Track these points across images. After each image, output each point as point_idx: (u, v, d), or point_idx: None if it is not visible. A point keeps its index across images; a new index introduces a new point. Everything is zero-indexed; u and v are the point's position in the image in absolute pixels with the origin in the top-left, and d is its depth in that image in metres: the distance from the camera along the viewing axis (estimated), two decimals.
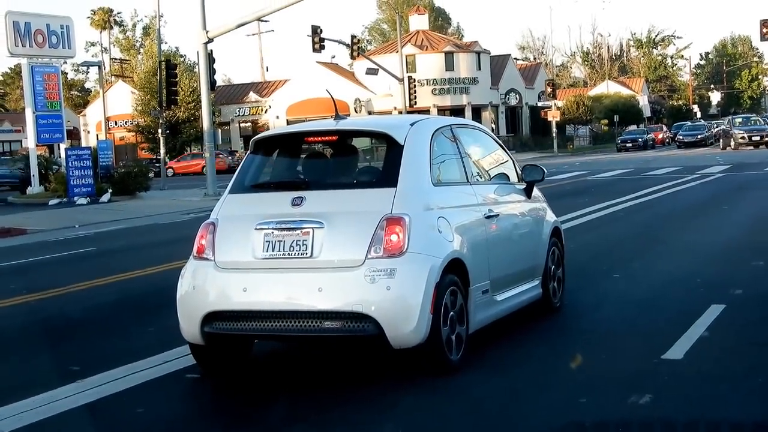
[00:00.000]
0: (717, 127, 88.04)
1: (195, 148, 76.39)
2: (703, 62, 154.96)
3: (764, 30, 56.53)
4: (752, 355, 8.21)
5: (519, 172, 10.11)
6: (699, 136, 76.42)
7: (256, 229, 7.83)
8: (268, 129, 70.92)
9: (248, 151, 8.83)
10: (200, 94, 39.28)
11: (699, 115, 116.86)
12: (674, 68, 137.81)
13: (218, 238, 8.01)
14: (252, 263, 7.81)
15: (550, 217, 10.57)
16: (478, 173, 9.25)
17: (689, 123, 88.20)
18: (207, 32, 36.76)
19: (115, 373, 8.41)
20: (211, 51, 37.26)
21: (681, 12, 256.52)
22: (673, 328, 9.10)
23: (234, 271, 7.86)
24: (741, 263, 13.24)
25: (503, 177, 9.87)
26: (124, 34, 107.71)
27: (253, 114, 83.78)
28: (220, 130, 78.97)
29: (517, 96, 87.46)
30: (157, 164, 52.47)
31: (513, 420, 6.76)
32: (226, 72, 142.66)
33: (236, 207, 8.27)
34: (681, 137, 77.50)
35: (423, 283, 7.43)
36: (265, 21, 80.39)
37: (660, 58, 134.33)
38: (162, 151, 49.88)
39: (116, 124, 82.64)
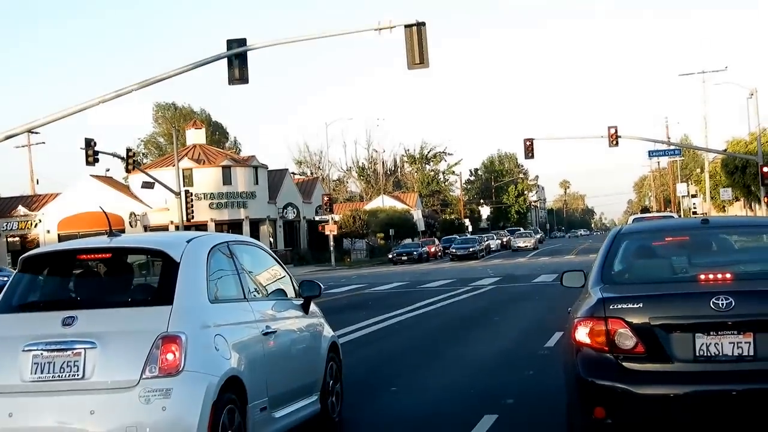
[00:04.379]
0: (487, 240, 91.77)
1: None
2: (473, 178, 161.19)
3: (527, 147, 59.53)
4: None
5: (296, 287, 10.19)
6: (471, 249, 79.15)
7: (23, 350, 7.52)
8: (38, 244, 68.64)
9: (16, 269, 8.52)
10: None
11: (470, 228, 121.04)
12: (446, 183, 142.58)
13: None
14: (19, 386, 7.47)
15: (328, 332, 10.66)
16: (255, 290, 9.26)
17: (458, 237, 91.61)
18: None
19: None
20: None
21: (451, 130, 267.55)
22: None
23: None
24: (512, 373, 13.66)
25: (281, 293, 9.91)
26: None
27: (22, 228, 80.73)
28: None
29: (294, 210, 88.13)
30: None
31: None
32: None
33: (2, 328, 7.92)
34: (454, 250, 79.98)
35: (200, 402, 7.31)
36: (36, 133, 78.37)
37: (432, 173, 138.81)
38: None
39: None
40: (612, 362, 7.40)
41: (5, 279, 44.86)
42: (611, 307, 7.49)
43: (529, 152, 59.89)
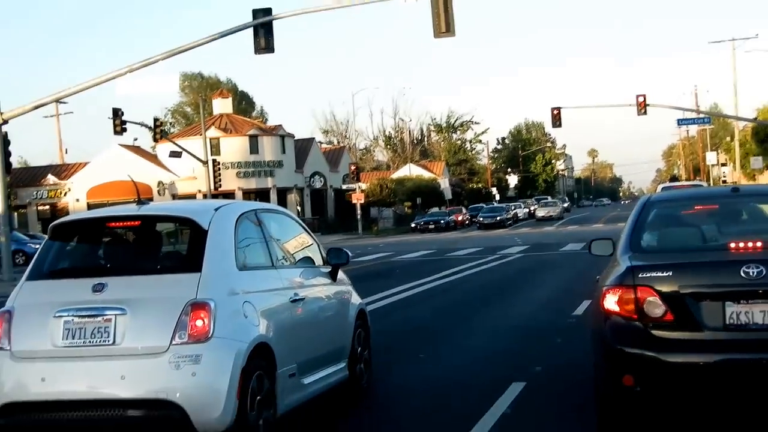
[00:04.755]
0: (515, 208, 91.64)
1: None
2: (500, 146, 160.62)
3: (555, 115, 59.29)
4: None
5: (324, 255, 10.22)
6: (498, 218, 79.03)
7: (55, 316, 7.60)
8: (67, 212, 69.04)
9: (47, 237, 8.60)
10: None
11: (498, 197, 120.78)
12: (473, 152, 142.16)
13: (14, 327, 7.73)
14: (51, 352, 7.56)
15: (356, 299, 10.69)
16: (283, 257, 9.30)
17: (484, 205, 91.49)
18: (1, 113, 35.67)
19: None
20: (6, 133, 36.16)
21: (478, 98, 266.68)
22: (477, 406, 9.30)
23: (32, 361, 7.59)
24: (540, 341, 13.66)
25: (308, 260, 9.94)
26: None
27: (51, 197, 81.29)
28: (16, 214, 76.28)
29: (321, 179, 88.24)
30: None
31: None
32: (22, 153, 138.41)
33: (34, 294, 8.01)
34: (481, 218, 79.90)
35: (229, 368, 7.36)
36: (64, 102, 78.74)
37: (459, 142, 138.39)
38: None
39: None
40: (641, 330, 7.38)
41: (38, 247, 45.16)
42: (640, 275, 7.46)
43: (557, 121, 59.64)
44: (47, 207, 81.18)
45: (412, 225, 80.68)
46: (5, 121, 35.82)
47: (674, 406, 7.68)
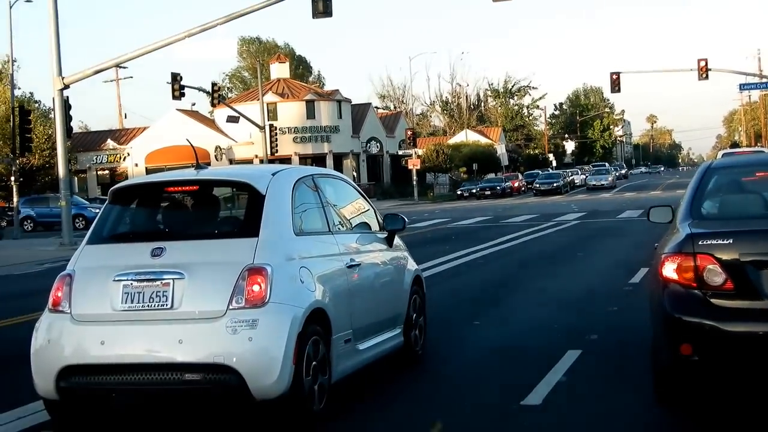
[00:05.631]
0: (571, 175, 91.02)
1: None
2: (557, 112, 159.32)
3: (614, 81, 58.63)
4: (606, 400, 8.40)
5: (380, 220, 10.20)
6: (555, 184, 78.75)
7: (114, 280, 7.67)
8: (126, 177, 69.77)
9: (106, 201, 8.69)
10: (56, 141, 38.35)
11: (554, 163, 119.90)
12: (530, 118, 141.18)
13: (75, 290, 7.82)
14: (110, 315, 7.64)
15: (412, 265, 10.67)
16: (339, 222, 9.30)
17: (541, 172, 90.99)
18: (63, 78, 36.00)
19: None
20: (67, 97, 36.53)
21: (536, 63, 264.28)
22: (532, 374, 9.26)
23: (91, 324, 7.67)
24: (596, 309, 13.57)
25: (365, 226, 9.95)
26: None
27: (111, 162, 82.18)
28: (76, 178, 77.25)
29: (378, 144, 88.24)
30: (10, 212, 51.05)
31: None
32: (82, 118, 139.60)
33: (94, 258, 8.09)
34: (537, 185, 79.67)
35: (285, 333, 7.39)
36: (124, 67, 79.35)
37: (516, 108, 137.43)
38: (15, 199, 48.42)
39: None
40: (700, 299, 7.29)
41: (98, 211, 45.68)
42: (700, 242, 7.36)
43: (616, 86, 59.03)
44: (106, 172, 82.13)
45: (458, 192, 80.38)
46: (66, 86, 36.19)
47: (732, 376, 7.59)
